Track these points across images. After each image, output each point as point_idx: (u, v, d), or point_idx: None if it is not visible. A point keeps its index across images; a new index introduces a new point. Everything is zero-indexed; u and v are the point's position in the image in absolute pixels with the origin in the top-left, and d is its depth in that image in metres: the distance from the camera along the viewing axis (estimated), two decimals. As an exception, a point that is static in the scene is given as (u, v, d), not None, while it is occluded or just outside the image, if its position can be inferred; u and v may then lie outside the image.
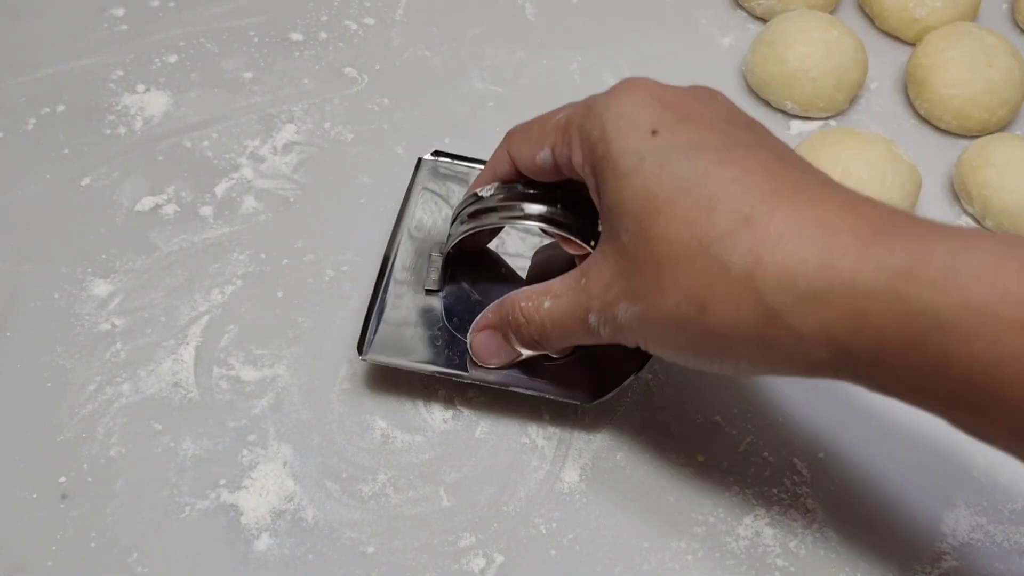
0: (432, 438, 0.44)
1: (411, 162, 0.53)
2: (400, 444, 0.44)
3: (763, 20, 0.63)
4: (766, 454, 0.44)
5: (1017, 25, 0.65)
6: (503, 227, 0.46)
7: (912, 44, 0.62)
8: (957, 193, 0.54)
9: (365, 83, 0.58)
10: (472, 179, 0.47)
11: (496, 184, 0.43)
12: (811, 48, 0.56)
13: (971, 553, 0.41)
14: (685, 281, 0.34)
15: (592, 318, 0.38)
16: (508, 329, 0.41)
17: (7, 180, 0.52)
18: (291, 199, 0.52)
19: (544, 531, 0.42)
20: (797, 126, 0.58)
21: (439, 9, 0.63)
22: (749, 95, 0.59)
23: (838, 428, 0.45)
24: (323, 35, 0.60)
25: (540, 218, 0.42)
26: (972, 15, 0.62)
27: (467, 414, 0.45)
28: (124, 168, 0.53)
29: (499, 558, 0.41)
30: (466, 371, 0.43)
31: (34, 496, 0.42)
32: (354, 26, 0.61)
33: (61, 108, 0.56)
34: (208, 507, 0.42)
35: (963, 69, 0.56)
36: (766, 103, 0.59)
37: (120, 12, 0.61)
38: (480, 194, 0.43)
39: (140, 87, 0.57)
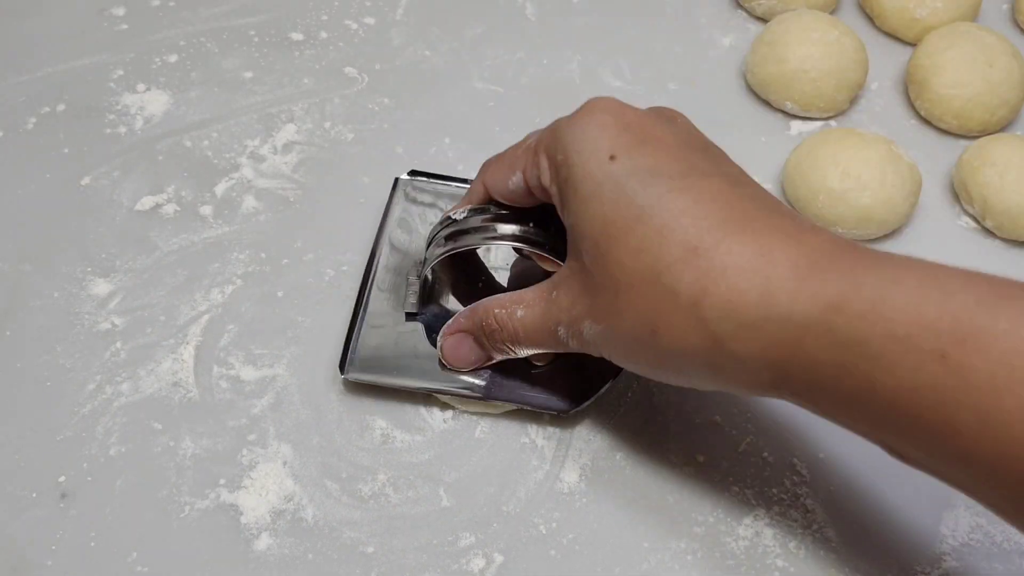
0: (432, 438, 0.44)
1: (411, 162, 0.53)
2: (400, 444, 0.44)
3: (763, 20, 0.63)
4: (766, 454, 0.44)
5: (1017, 25, 0.65)
6: (478, 248, 0.47)
7: (912, 44, 0.62)
8: (957, 193, 0.54)
9: (365, 83, 0.58)
10: (449, 197, 0.48)
11: (470, 207, 0.44)
12: (811, 48, 0.56)
13: (971, 554, 0.41)
14: (639, 306, 0.36)
15: (561, 330, 0.39)
16: (481, 334, 0.42)
17: (7, 179, 0.52)
18: (291, 199, 0.52)
19: (544, 531, 0.42)
20: (797, 126, 0.58)
21: (439, 9, 0.63)
22: (749, 95, 0.59)
23: (838, 429, 0.45)
24: (323, 35, 0.60)
25: (513, 238, 0.43)
26: (972, 15, 0.62)
27: (467, 414, 0.45)
28: (124, 167, 0.53)
29: (499, 558, 0.41)
30: (446, 384, 0.44)
31: (34, 495, 0.42)
32: (354, 26, 0.61)
33: (61, 107, 0.56)
34: (208, 507, 0.42)
35: (963, 69, 0.56)
36: (766, 103, 0.59)
37: (120, 11, 0.61)
38: (454, 217, 0.44)
39: (140, 86, 0.57)
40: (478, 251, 0.48)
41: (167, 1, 0.61)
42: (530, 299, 0.40)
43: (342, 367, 0.44)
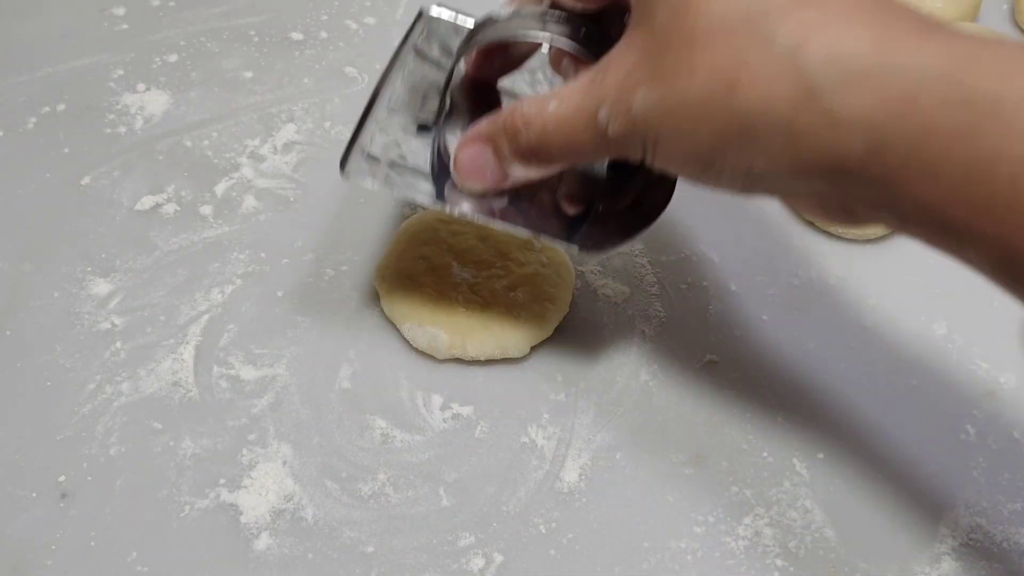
0: (432, 438, 0.44)
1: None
2: (400, 444, 0.44)
3: (763, 20, 0.63)
4: (765, 454, 0.44)
5: (1017, 25, 0.64)
6: (514, 63, 0.42)
7: (912, 44, 0.62)
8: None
9: (365, 83, 0.58)
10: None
11: (515, 7, 0.40)
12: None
13: (970, 554, 0.41)
14: (720, 57, 0.31)
15: (603, 112, 0.34)
16: (503, 138, 0.38)
17: (7, 179, 0.52)
18: (291, 198, 0.52)
19: (543, 531, 0.42)
20: (797, 126, 0.58)
21: (439, 9, 0.63)
22: (749, 95, 0.59)
23: (837, 429, 0.45)
24: (323, 34, 0.60)
25: (561, 33, 0.38)
26: (972, 15, 0.62)
27: (467, 414, 0.45)
28: (124, 167, 0.53)
29: (498, 558, 0.41)
30: (449, 203, 0.40)
31: (33, 495, 0.42)
32: (355, 25, 0.61)
33: (61, 107, 0.56)
34: (208, 506, 0.42)
35: (963, 69, 0.56)
36: (766, 103, 0.58)
37: (120, 11, 0.61)
38: (495, 17, 0.40)
39: (140, 86, 0.57)
40: (512, 85, 0.43)
41: (167, 1, 0.62)
42: (568, 91, 0.36)
43: (343, 165, 0.39)
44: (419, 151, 0.41)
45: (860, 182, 0.30)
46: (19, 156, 0.53)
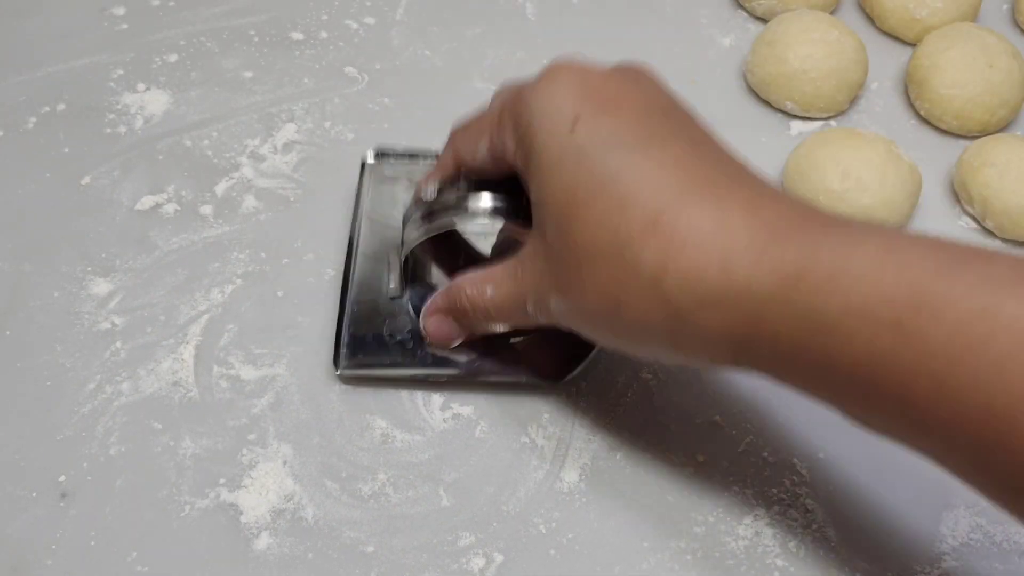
0: (432, 438, 0.44)
1: (411, 161, 0.53)
2: (400, 444, 0.44)
3: (764, 20, 0.63)
4: (766, 454, 0.44)
5: (1018, 25, 0.65)
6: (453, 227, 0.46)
7: (913, 44, 0.62)
8: (957, 193, 0.55)
9: (365, 82, 0.58)
10: (420, 173, 0.47)
11: (438, 182, 0.43)
12: (811, 48, 0.56)
13: (970, 553, 0.41)
14: (603, 281, 0.36)
15: (530, 307, 0.39)
16: (457, 313, 0.42)
17: (7, 179, 0.52)
18: (291, 198, 0.52)
19: (544, 531, 0.42)
20: (797, 126, 0.58)
21: (440, 9, 0.63)
22: (749, 95, 0.59)
23: (838, 428, 0.44)
24: (323, 34, 0.60)
25: (486, 213, 0.42)
26: (973, 15, 0.62)
27: (467, 414, 0.45)
28: (124, 167, 0.53)
29: (499, 557, 0.41)
30: (438, 368, 0.45)
31: (33, 495, 0.42)
32: (355, 25, 0.61)
33: (61, 107, 0.56)
34: (208, 506, 0.42)
35: (963, 69, 0.56)
36: (766, 103, 0.59)
37: (120, 11, 0.61)
38: (425, 197, 0.44)
39: (140, 86, 0.57)
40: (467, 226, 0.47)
41: (167, 1, 0.61)
42: (499, 277, 0.40)
43: (336, 363, 0.45)
44: (398, 318, 0.46)
45: (740, 369, 0.36)
46: (19, 156, 0.53)
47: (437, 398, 0.45)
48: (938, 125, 0.58)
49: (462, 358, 0.45)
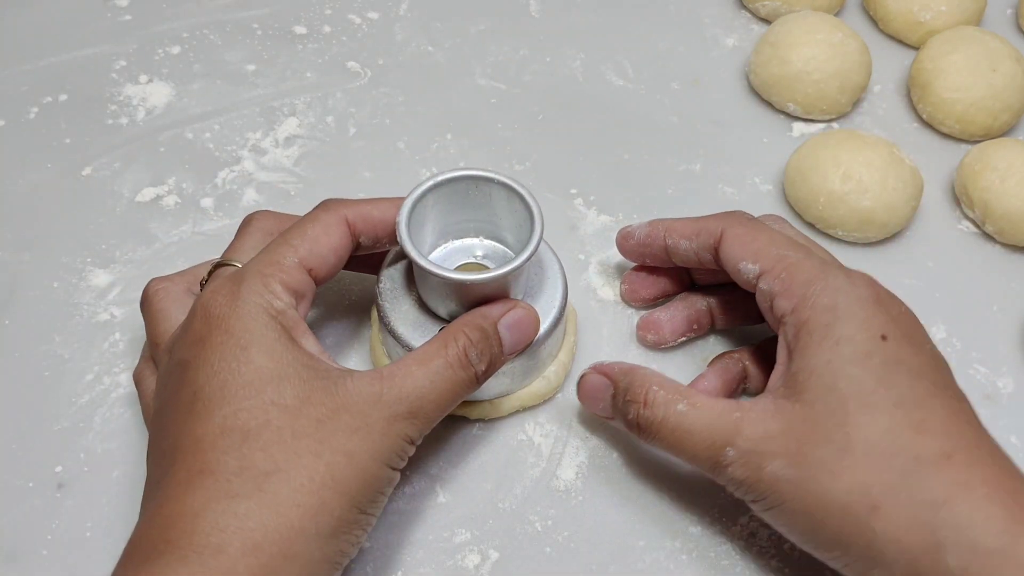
0: (429, 434, 0.44)
1: (413, 159, 0.53)
2: (397, 439, 0.44)
3: (767, 21, 0.63)
4: (763, 455, 0.44)
5: (1021, 30, 0.64)
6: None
7: (916, 47, 0.62)
8: (958, 198, 0.54)
9: (368, 77, 0.58)
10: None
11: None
12: (815, 50, 0.56)
13: (966, 557, 0.41)
14: (868, 477, 0.35)
15: (732, 452, 0.37)
16: (623, 400, 0.40)
17: (8, 169, 0.52)
18: (292, 192, 0.52)
19: (539, 528, 0.42)
20: (799, 128, 0.58)
21: (443, 5, 0.63)
22: (752, 96, 0.59)
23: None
24: (327, 29, 0.60)
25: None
26: (976, 19, 0.62)
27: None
28: (125, 158, 0.53)
29: (494, 554, 0.41)
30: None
31: (30, 485, 0.42)
32: (358, 20, 0.61)
33: (64, 97, 0.56)
34: (204, 499, 0.42)
35: (966, 73, 0.56)
36: (769, 104, 0.59)
37: (124, 2, 0.61)
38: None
39: (143, 78, 0.57)
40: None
41: (171, -7, 0.62)
42: (702, 402, 0.38)
43: None
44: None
45: None
46: (20, 146, 0.53)
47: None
48: (940, 129, 0.58)
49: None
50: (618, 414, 0.41)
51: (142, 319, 0.40)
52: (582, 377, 0.42)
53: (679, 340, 0.47)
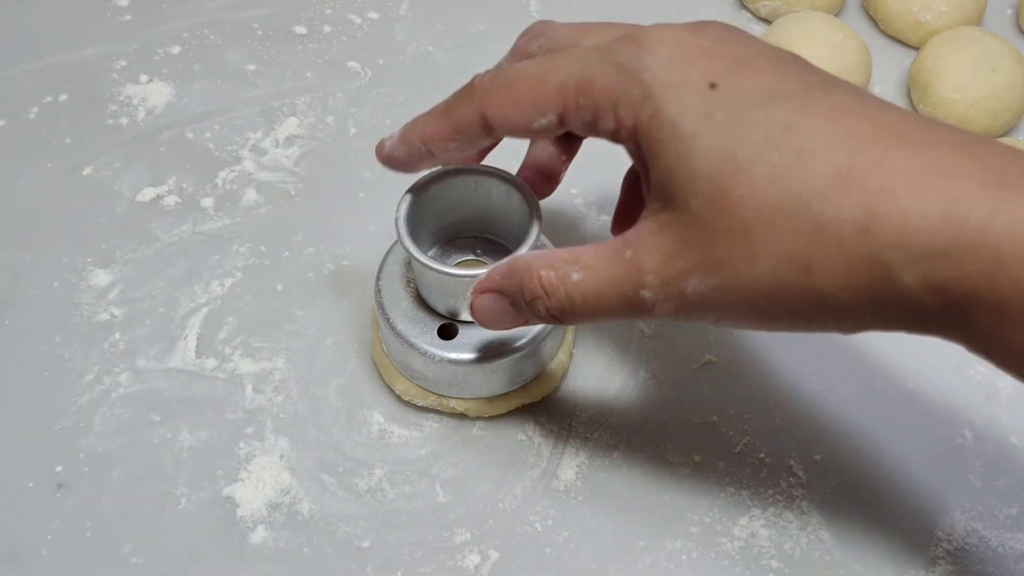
0: (429, 434, 0.44)
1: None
2: (397, 439, 0.44)
3: (768, 21, 0.63)
4: (762, 455, 0.44)
5: (1021, 30, 0.64)
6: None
7: (916, 48, 0.62)
8: (958, 197, 0.54)
9: (368, 77, 0.58)
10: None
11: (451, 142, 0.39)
12: (815, 50, 0.56)
13: (966, 558, 0.41)
14: (783, 243, 0.31)
15: (647, 294, 0.34)
16: (520, 298, 0.36)
17: (8, 169, 0.52)
18: (292, 192, 0.52)
19: (539, 528, 0.42)
20: (800, 128, 0.58)
21: (443, 4, 0.62)
22: (752, 96, 0.59)
23: (835, 431, 0.45)
24: (327, 28, 0.60)
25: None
26: (977, 19, 0.62)
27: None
28: (126, 158, 0.53)
29: (494, 555, 0.41)
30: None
31: (30, 485, 0.42)
32: (358, 20, 0.61)
33: (64, 97, 0.56)
34: (204, 499, 0.42)
35: (967, 74, 0.56)
36: (769, 104, 0.58)
37: (124, 2, 0.61)
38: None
39: (143, 77, 0.57)
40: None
41: (171, -8, 0.62)
42: (591, 260, 0.35)
43: None
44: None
45: (948, 336, 0.31)
46: (20, 145, 0.53)
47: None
48: (940, 129, 0.58)
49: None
50: (530, 316, 0.37)
51: (142, 319, 0.39)
52: (472, 306, 0.38)
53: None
